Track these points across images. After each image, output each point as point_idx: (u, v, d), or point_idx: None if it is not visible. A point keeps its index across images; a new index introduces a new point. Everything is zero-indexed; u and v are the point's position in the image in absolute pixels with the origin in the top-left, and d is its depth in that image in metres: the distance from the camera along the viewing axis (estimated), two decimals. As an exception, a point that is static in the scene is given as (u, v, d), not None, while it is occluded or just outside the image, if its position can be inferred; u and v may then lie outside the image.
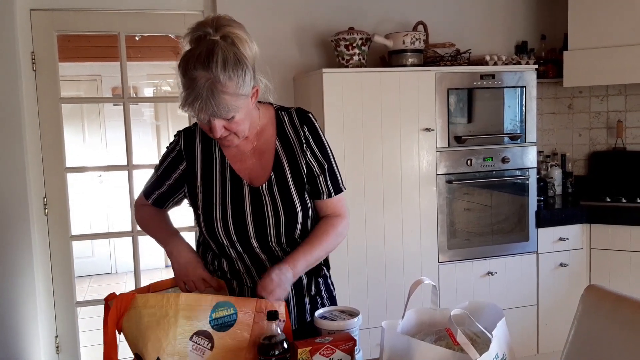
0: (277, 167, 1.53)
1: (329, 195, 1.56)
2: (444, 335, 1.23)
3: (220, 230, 1.51)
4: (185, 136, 1.57)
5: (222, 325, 1.27)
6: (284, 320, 1.35)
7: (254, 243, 1.52)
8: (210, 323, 1.26)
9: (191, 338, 1.25)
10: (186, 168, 1.56)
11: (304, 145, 1.54)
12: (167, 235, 1.59)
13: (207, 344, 1.26)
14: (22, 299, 2.87)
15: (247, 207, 1.50)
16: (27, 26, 2.87)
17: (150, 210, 1.66)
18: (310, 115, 1.57)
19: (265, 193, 1.51)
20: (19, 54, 2.83)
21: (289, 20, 3.22)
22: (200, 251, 1.66)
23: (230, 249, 1.54)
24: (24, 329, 2.89)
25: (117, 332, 1.27)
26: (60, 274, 3.01)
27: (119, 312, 1.25)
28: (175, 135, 1.60)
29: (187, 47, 1.40)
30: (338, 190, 1.58)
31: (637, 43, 3.12)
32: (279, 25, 3.20)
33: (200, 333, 1.26)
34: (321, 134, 1.57)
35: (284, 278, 1.42)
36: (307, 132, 1.54)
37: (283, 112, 1.57)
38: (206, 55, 1.32)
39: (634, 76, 3.18)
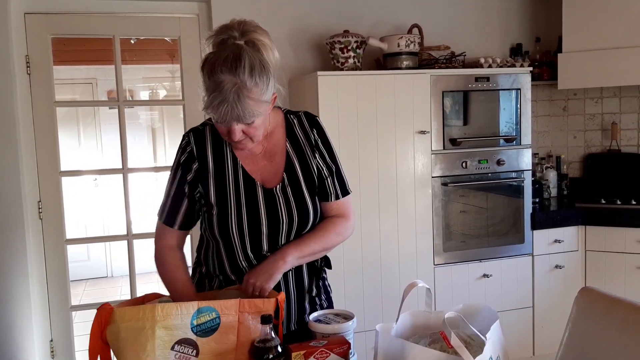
0: (289, 169, 1.55)
1: (337, 197, 1.60)
2: (438, 338, 1.23)
3: (234, 231, 1.51)
4: (195, 136, 1.56)
5: (206, 330, 1.27)
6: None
7: (265, 241, 1.52)
8: (192, 330, 1.26)
9: (173, 348, 1.24)
10: (199, 168, 1.53)
11: (314, 147, 1.57)
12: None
13: (192, 351, 1.25)
14: (17, 303, 2.86)
15: (261, 208, 1.52)
16: (21, 29, 2.87)
17: (173, 263, 1.56)
18: (318, 119, 1.63)
19: (279, 194, 1.53)
20: (14, 58, 2.83)
21: (284, 23, 3.22)
22: (201, 256, 1.65)
23: (240, 251, 1.53)
24: (19, 333, 2.87)
25: (104, 343, 1.25)
26: (55, 278, 3.00)
27: (101, 325, 1.24)
28: (185, 136, 1.57)
29: (208, 49, 1.42)
30: (345, 192, 1.62)
31: (631, 45, 3.13)
32: (274, 29, 3.16)
33: (182, 341, 1.25)
34: (328, 137, 1.62)
35: (272, 266, 1.47)
36: (316, 135, 1.59)
37: (292, 116, 1.61)
38: (233, 59, 1.33)
39: (628, 78, 3.20)
